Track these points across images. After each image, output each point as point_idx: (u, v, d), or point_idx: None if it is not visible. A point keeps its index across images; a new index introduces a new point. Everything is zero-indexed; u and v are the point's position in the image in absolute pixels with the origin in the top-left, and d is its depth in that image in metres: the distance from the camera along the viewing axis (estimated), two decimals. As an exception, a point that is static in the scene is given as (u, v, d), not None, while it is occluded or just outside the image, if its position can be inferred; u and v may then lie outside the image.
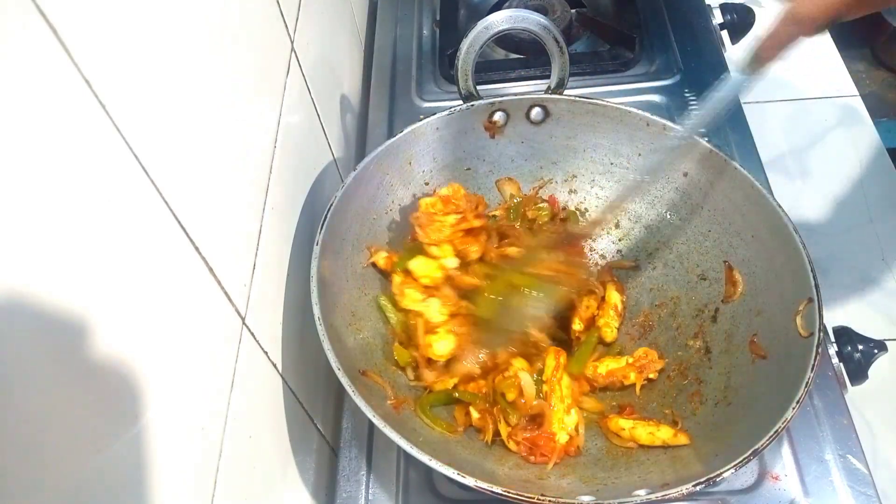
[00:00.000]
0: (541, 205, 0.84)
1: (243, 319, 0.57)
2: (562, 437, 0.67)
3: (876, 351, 0.75)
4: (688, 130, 0.71)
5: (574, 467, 0.68)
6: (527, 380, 0.68)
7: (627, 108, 0.77)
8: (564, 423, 0.67)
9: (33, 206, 0.32)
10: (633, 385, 0.73)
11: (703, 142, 0.74)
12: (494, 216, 0.84)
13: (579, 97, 0.79)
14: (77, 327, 0.35)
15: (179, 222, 0.46)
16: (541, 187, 0.85)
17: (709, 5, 1.13)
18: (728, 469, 0.54)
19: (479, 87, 0.79)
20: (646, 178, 0.81)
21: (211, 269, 0.50)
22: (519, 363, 0.70)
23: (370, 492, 0.71)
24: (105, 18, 0.38)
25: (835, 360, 0.75)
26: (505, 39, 1.11)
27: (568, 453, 0.67)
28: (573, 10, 1.12)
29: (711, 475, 0.54)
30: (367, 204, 0.77)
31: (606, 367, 0.73)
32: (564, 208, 0.85)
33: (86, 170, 0.36)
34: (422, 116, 0.79)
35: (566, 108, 0.80)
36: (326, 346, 0.61)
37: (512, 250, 0.77)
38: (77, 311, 0.35)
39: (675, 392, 0.72)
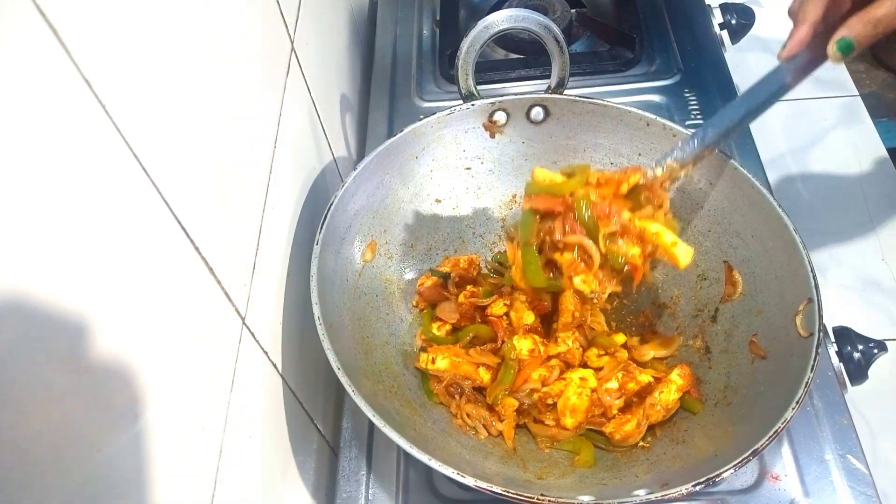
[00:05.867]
0: None
1: (243, 319, 0.57)
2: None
3: (876, 351, 0.75)
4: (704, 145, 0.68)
5: (574, 467, 0.68)
6: None
7: (627, 108, 0.77)
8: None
9: (34, 206, 0.32)
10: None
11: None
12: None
13: (579, 97, 0.79)
14: (77, 327, 0.35)
15: (179, 222, 0.46)
16: None
17: (709, 5, 1.13)
18: (728, 469, 0.54)
19: (479, 87, 0.79)
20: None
21: (211, 269, 0.50)
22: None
23: (370, 492, 0.71)
24: (105, 18, 0.38)
25: (835, 360, 0.75)
26: (505, 39, 1.11)
27: None
28: (573, 10, 1.12)
29: (711, 475, 0.54)
30: (367, 204, 0.77)
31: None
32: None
33: (86, 170, 0.36)
34: (422, 116, 0.79)
35: (566, 107, 0.80)
36: (326, 345, 0.61)
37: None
38: (77, 310, 0.35)
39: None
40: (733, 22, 1.11)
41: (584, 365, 0.73)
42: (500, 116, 0.81)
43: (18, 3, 0.31)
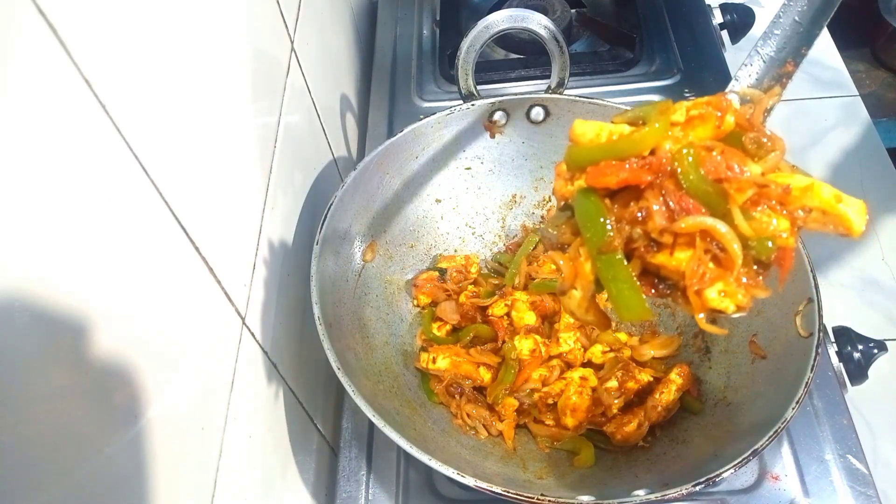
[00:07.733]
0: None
1: (243, 319, 0.56)
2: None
3: (876, 351, 0.75)
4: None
5: (574, 467, 0.68)
6: None
7: (627, 108, 0.77)
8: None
9: (34, 206, 0.32)
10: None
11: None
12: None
13: (579, 97, 0.79)
14: (77, 327, 0.35)
15: (179, 222, 0.46)
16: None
17: (709, 5, 1.13)
18: (728, 469, 0.54)
19: (479, 87, 0.79)
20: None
21: (211, 269, 0.50)
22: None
23: (370, 492, 0.71)
24: (105, 18, 0.38)
25: (835, 360, 0.75)
26: (505, 39, 1.11)
27: None
28: (573, 10, 1.12)
29: (711, 475, 0.54)
30: (367, 203, 0.77)
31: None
32: None
33: (86, 169, 0.36)
34: (422, 116, 0.79)
35: (566, 107, 0.79)
36: (326, 345, 0.61)
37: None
38: (77, 310, 0.35)
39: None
40: (734, 22, 1.11)
41: (585, 363, 0.73)
42: (500, 116, 0.81)
43: (18, 2, 0.31)
